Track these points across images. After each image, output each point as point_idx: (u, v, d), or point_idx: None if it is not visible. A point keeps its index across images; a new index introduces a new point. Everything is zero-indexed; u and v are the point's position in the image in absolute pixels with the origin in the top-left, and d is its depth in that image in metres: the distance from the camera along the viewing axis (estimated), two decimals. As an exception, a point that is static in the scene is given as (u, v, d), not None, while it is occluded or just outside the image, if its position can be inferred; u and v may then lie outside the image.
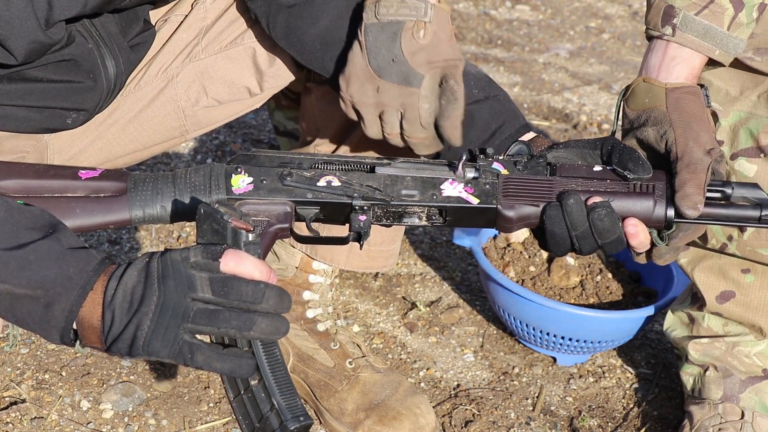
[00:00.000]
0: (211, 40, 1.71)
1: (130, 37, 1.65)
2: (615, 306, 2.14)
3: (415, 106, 1.42)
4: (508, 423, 2.01)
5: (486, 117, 1.53)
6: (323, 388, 1.96)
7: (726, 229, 1.85)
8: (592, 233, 1.39)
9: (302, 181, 1.42)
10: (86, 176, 1.42)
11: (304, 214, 1.43)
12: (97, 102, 1.62)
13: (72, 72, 1.57)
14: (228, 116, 1.76)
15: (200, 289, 1.19)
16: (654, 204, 1.40)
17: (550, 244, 1.42)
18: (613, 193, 1.41)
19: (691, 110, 1.47)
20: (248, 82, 1.71)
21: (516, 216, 1.41)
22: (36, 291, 1.22)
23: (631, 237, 1.40)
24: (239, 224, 1.23)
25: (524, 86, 3.37)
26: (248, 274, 1.20)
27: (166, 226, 2.47)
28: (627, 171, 1.41)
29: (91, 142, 1.71)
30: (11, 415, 1.92)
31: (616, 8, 4.07)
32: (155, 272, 1.20)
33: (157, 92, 1.71)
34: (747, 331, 1.95)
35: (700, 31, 1.53)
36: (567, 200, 1.38)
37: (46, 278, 1.22)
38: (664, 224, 1.41)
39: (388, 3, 1.44)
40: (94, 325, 1.22)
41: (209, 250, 1.20)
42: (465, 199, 1.42)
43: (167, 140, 1.75)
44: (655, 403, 2.10)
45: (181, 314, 1.18)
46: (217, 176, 1.42)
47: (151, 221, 1.42)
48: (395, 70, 1.42)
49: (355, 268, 1.94)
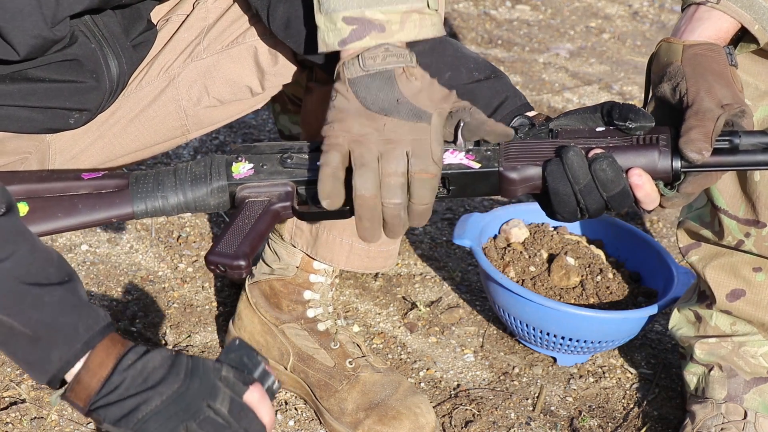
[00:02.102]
0: (213, 39, 1.71)
1: (132, 36, 1.65)
2: (615, 306, 2.14)
3: (427, 140, 1.37)
4: (508, 423, 2.01)
5: (487, 94, 1.52)
6: (323, 387, 1.96)
7: (743, 227, 1.84)
8: (596, 186, 1.35)
9: (302, 162, 1.42)
10: (89, 177, 1.43)
11: (306, 194, 1.43)
12: (100, 102, 1.63)
13: (75, 72, 1.57)
14: (230, 116, 1.76)
15: (220, 402, 1.21)
16: (659, 154, 1.36)
17: (556, 205, 1.38)
18: (615, 147, 1.37)
19: (708, 65, 1.42)
20: (250, 81, 1.72)
21: (519, 177, 1.38)
22: (39, 332, 1.23)
23: (636, 188, 1.36)
24: (270, 369, 1.27)
25: (524, 86, 3.37)
26: (261, 414, 1.24)
27: (166, 226, 2.47)
28: (628, 121, 1.38)
29: (93, 142, 1.71)
30: (11, 415, 1.91)
31: (616, 8, 4.07)
32: (184, 365, 1.23)
33: (158, 92, 1.71)
34: (755, 330, 1.95)
35: (745, 2, 1.48)
36: (567, 153, 1.36)
37: (55, 323, 1.23)
38: (671, 175, 1.37)
39: (373, 54, 1.41)
40: (90, 386, 1.23)
41: (242, 375, 1.24)
42: (467, 165, 1.40)
43: (169, 140, 1.76)
44: (655, 403, 2.10)
45: (192, 413, 1.20)
46: (218, 165, 1.42)
47: (154, 214, 1.42)
48: (404, 109, 1.39)
49: (355, 268, 1.94)
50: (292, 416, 1.99)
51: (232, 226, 1.38)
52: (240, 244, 1.36)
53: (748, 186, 1.81)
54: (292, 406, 2.01)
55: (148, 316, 2.20)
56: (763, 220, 1.82)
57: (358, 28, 1.42)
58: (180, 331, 2.17)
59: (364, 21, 1.42)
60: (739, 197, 1.84)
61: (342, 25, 1.42)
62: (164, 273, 2.33)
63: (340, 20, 1.42)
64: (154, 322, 2.19)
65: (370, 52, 1.41)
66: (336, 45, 1.43)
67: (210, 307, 2.24)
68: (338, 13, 1.42)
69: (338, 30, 1.43)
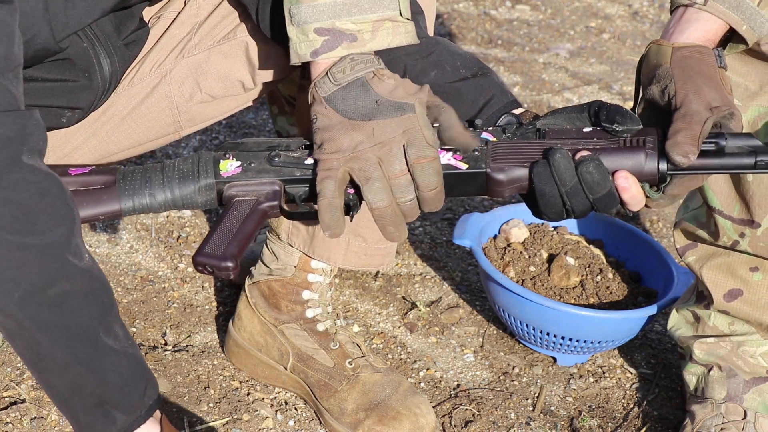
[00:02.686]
0: (204, 35, 1.71)
1: (125, 35, 1.65)
2: (615, 306, 2.14)
3: (417, 128, 1.38)
4: (508, 423, 2.01)
5: (473, 93, 1.52)
6: (323, 388, 1.96)
7: (738, 227, 1.84)
8: (582, 188, 1.36)
9: (290, 160, 1.42)
10: (75, 173, 1.42)
11: (294, 193, 1.43)
12: (92, 101, 1.63)
13: (67, 71, 1.57)
14: (222, 112, 1.76)
15: None
16: (645, 157, 1.37)
17: (542, 206, 1.39)
18: (602, 149, 1.37)
19: (697, 67, 1.42)
20: (242, 76, 1.72)
21: (506, 179, 1.39)
22: (107, 393, 1.23)
23: (622, 191, 1.37)
24: None
25: (524, 86, 3.37)
26: None
27: (166, 226, 2.47)
28: (615, 124, 1.38)
29: (85, 140, 1.71)
30: (11, 415, 1.91)
31: (616, 8, 4.07)
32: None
33: (150, 89, 1.72)
34: (753, 330, 1.95)
35: (732, 3, 1.47)
36: (554, 156, 1.36)
37: (125, 386, 1.24)
38: (657, 177, 1.37)
39: (341, 67, 1.42)
40: None
41: None
42: (454, 166, 1.40)
43: (162, 137, 1.76)
44: (655, 403, 2.09)
45: None
46: (205, 162, 1.43)
47: (141, 211, 1.42)
48: (385, 108, 1.39)
49: (353, 266, 1.94)
50: (292, 416, 1.99)
51: (220, 226, 1.38)
52: (228, 245, 1.36)
53: (742, 186, 1.82)
54: (292, 406, 2.01)
55: (148, 316, 2.20)
56: (757, 220, 1.82)
57: (329, 39, 1.42)
58: (180, 331, 2.17)
59: (335, 32, 1.42)
60: (733, 197, 1.84)
61: (314, 37, 1.43)
62: (164, 273, 2.33)
63: (312, 32, 1.43)
64: (154, 322, 2.19)
65: (337, 66, 1.42)
66: (308, 56, 1.44)
67: (210, 307, 2.24)
68: (310, 25, 1.43)
69: (310, 41, 1.43)
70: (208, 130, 2.89)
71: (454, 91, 1.51)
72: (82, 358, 1.23)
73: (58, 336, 1.23)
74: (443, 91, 1.50)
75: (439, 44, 1.57)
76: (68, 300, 1.23)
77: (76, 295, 1.23)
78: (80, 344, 1.23)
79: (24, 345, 1.25)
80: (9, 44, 1.23)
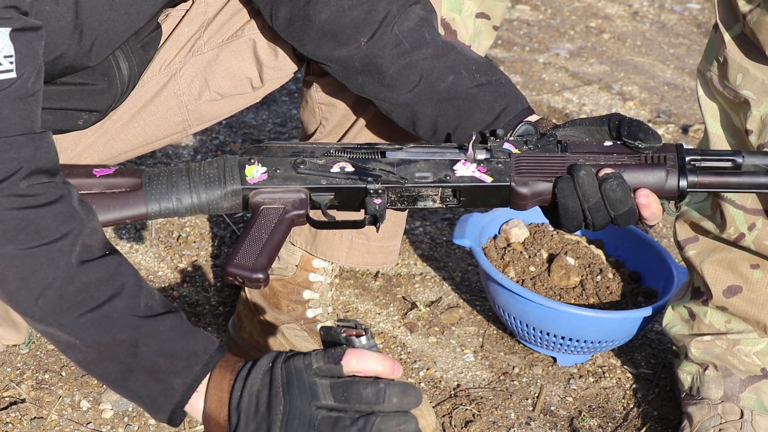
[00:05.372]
0: (213, 33, 1.71)
1: (142, 37, 1.66)
2: (615, 306, 2.14)
3: None
4: (508, 423, 2.01)
5: (489, 100, 1.54)
6: (323, 388, 1.96)
7: (750, 216, 1.84)
8: (604, 204, 1.39)
9: (316, 168, 1.43)
10: (100, 174, 1.43)
11: (319, 201, 1.44)
12: (110, 104, 1.64)
13: (87, 75, 1.58)
14: (230, 110, 1.77)
15: (323, 397, 1.21)
16: (666, 174, 1.41)
17: (563, 219, 1.42)
18: (624, 165, 1.41)
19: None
20: (250, 74, 1.72)
21: (530, 192, 1.42)
22: (158, 363, 1.24)
23: (643, 208, 1.41)
24: (350, 332, 1.25)
25: (524, 86, 3.37)
26: (372, 369, 1.22)
27: (166, 226, 2.47)
28: (638, 141, 1.41)
29: (96, 139, 1.72)
30: (11, 415, 1.91)
31: (616, 8, 4.07)
32: (279, 379, 1.23)
33: (160, 87, 1.72)
34: (750, 328, 1.95)
35: None
36: (578, 172, 1.39)
37: (173, 351, 1.24)
38: (677, 194, 1.41)
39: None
40: (221, 424, 1.24)
41: (330, 354, 1.23)
42: (478, 178, 1.43)
43: (170, 135, 1.76)
44: (655, 403, 2.10)
45: (307, 423, 1.20)
46: (231, 167, 1.43)
47: (168, 215, 1.43)
48: None
49: (356, 264, 1.94)
50: (292, 416, 1.99)
51: (249, 236, 1.39)
52: (258, 255, 1.37)
53: None
54: (292, 406, 2.01)
55: (148, 316, 2.20)
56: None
57: None
58: (180, 331, 2.17)
59: None
60: None
61: None
62: (164, 273, 2.33)
63: None
64: (154, 322, 2.19)
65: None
66: None
67: (210, 307, 2.24)
68: None
69: None
70: (207, 130, 2.89)
71: (471, 97, 1.53)
72: (119, 339, 1.24)
73: (87, 327, 1.24)
74: (460, 97, 1.52)
75: (455, 48, 1.58)
76: (89, 290, 1.24)
77: (97, 284, 1.25)
78: (114, 328, 1.24)
79: (64, 346, 1.27)
80: (33, 70, 1.26)
